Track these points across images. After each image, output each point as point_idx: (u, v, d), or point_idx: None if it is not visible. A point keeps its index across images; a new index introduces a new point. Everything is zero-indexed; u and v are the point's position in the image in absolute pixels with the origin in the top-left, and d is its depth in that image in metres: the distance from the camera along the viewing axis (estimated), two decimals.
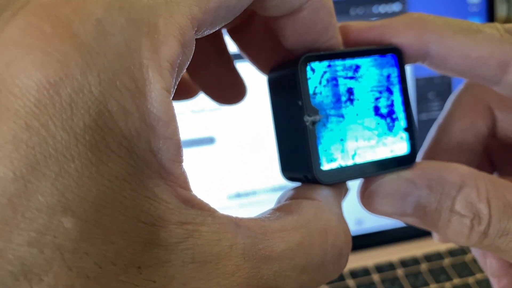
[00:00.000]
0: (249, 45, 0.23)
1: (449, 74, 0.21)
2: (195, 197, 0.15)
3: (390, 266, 0.53)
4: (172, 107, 0.14)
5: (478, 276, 0.53)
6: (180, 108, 0.50)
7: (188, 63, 0.15)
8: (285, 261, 0.15)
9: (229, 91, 0.25)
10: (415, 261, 0.54)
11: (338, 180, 0.19)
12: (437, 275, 0.53)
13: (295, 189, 0.19)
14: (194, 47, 0.15)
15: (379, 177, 0.20)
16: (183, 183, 0.14)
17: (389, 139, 0.20)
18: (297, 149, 0.19)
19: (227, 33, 0.24)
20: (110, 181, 0.13)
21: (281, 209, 0.17)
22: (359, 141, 0.19)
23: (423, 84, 0.56)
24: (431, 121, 0.56)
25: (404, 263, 0.54)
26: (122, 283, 0.13)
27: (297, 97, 0.19)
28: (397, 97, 0.20)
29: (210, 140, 0.52)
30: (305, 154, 0.19)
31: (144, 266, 0.13)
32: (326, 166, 0.19)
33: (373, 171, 0.20)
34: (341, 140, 0.19)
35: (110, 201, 0.13)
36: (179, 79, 0.15)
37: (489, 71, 0.19)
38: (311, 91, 0.19)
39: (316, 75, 0.19)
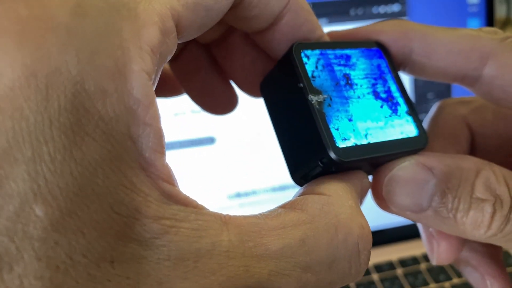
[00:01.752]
0: (229, 60, 0.23)
1: (430, 76, 0.21)
2: (179, 192, 0.14)
3: (390, 266, 0.54)
4: (153, 91, 0.13)
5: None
6: (181, 108, 0.50)
7: (171, 55, 0.15)
8: (284, 259, 0.14)
9: (221, 101, 0.24)
10: (414, 260, 0.54)
11: (357, 158, 0.18)
12: (437, 275, 0.53)
13: (304, 186, 0.18)
14: (176, 41, 0.15)
15: (393, 164, 0.20)
16: (166, 176, 0.14)
17: (396, 121, 0.20)
18: (305, 138, 0.18)
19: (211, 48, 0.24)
20: (83, 166, 0.12)
21: (285, 207, 0.16)
22: (368, 122, 0.19)
23: (422, 85, 0.56)
24: None
25: (403, 262, 0.54)
26: (93, 277, 0.12)
27: (297, 81, 0.18)
28: (392, 85, 0.21)
29: (210, 140, 0.52)
30: (317, 136, 0.18)
31: (118, 261, 0.12)
32: (341, 144, 0.18)
33: (390, 150, 0.19)
34: (350, 120, 0.18)
35: (82, 189, 0.12)
36: (161, 70, 0.15)
37: (470, 64, 0.20)
38: (309, 74, 0.18)
39: (311, 60, 0.19)
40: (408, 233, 0.57)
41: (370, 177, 0.21)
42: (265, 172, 0.52)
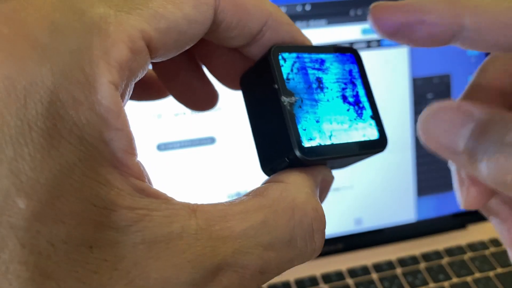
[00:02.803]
0: (209, 59, 0.24)
1: (482, 49, 0.21)
2: (149, 187, 0.15)
3: (389, 265, 0.54)
4: (120, 101, 0.15)
5: (477, 275, 0.53)
6: (181, 108, 0.50)
7: (143, 72, 0.17)
8: (246, 239, 0.16)
9: (201, 98, 0.25)
10: (413, 260, 0.55)
11: (319, 157, 0.19)
12: (436, 274, 0.53)
13: (269, 177, 0.20)
14: (148, 59, 0.16)
15: (435, 104, 0.20)
16: (137, 173, 0.15)
17: (360, 124, 0.21)
18: (275, 135, 0.20)
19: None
20: (61, 164, 0.14)
21: (249, 194, 0.18)
22: (333, 124, 0.20)
23: (421, 84, 0.56)
24: None
25: (402, 262, 0.54)
26: (74, 261, 0.14)
27: (273, 82, 0.20)
28: (360, 90, 0.22)
29: (210, 140, 0.52)
30: (286, 135, 0.19)
31: (96, 246, 0.14)
32: (306, 143, 0.19)
33: (350, 152, 0.20)
34: (317, 121, 0.20)
35: (61, 184, 0.14)
36: (133, 83, 0.16)
37: None
38: (284, 77, 0.20)
39: (288, 63, 0.20)
40: (407, 233, 0.57)
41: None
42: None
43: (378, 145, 0.21)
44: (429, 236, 0.58)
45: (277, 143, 0.20)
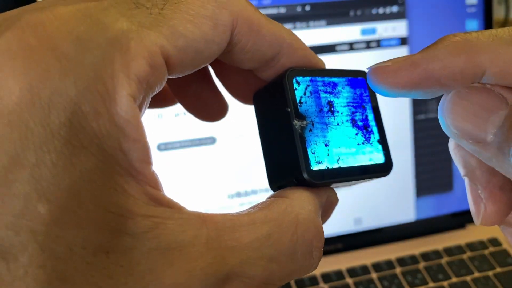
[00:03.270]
0: (224, 76, 0.24)
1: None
2: (164, 196, 0.16)
3: (388, 265, 0.54)
4: (139, 113, 0.16)
5: (476, 274, 0.53)
6: (181, 108, 0.50)
7: (161, 86, 0.17)
8: (253, 250, 0.17)
9: (211, 109, 0.26)
10: (413, 259, 0.55)
11: (326, 180, 0.20)
12: (435, 274, 0.53)
13: (276, 192, 0.21)
14: (166, 74, 0.17)
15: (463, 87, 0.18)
16: (152, 182, 0.16)
17: (367, 148, 0.22)
18: (285, 155, 0.21)
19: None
20: (81, 172, 0.14)
21: (255, 207, 0.19)
22: (342, 148, 0.21)
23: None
24: (429, 120, 0.57)
25: (402, 261, 0.54)
26: (90, 266, 0.14)
27: (286, 105, 0.20)
28: (369, 114, 0.22)
29: (210, 140, 0.52)
30: (295, 157, 0.20)
31: (112, 252, 0.14)
32: (315, 167, 0.20)
33: (356, 175, 0.21)
34: (326, 145, 0.21)
35: (81, 191, 0.14)
36: (150, 96, 0.17)
37: None
38: (297, 100, 0.20)
39: (301, 87, 0.21)
40: (407, 233, 0.58)
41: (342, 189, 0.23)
42: (265, 172, 0.52)
43: (383, 169, 0.22)
44: (428, 236, 0.58)
45: (286, 164, 0.21)
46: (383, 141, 0.22)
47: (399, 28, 0.55)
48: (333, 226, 0.56)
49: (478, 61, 0.18)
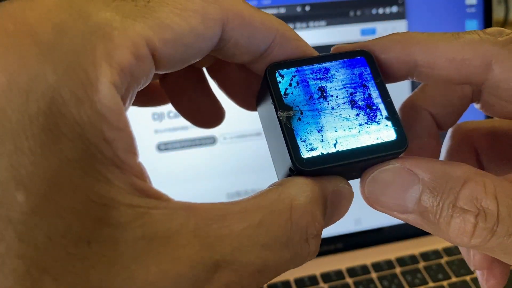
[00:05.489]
0: (226, 83, 0.24)
1: (437, 83, 0.22)
2: (151, 187, 0.16)
3: (388, 265, 0.54)
4: (121, 102, 0.15)
5: (476, 274, 0.53)
6: None
7: (147, 80, 0.17)
8: (245, 238, 0.16)
9: (207, 115, 0.26)
10: (413, 259, 0.55)
11: (322, 166, 0.20)
12: (435, 274, 0.53)
13: (273, 182, 0.20)
14: (152, 67, 0.16)
15: (379, 166, 0.20)
16: (138, 173, 0.15)
17: (373, 127, 0.21)
18: (281, 149, 0.20)
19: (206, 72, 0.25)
20: (61, 160, 0.14)
21: (249, 197, 0.18)
22: (339, 131, 0.20)
23: (418, 84, 0.56)
24: None
25: (401, 261, 0.54)
26: (72, 255, 0.14)
27: (270, 99, 0.20)
28: (373, 91, 0.21)
29: (210, 140, 0.52)
30: (285, 148, 0.20)
31: (94, 241, 0.14)
32: (306, 154, 0.20)
33: (359, 157, 0.20)
34: (319, 131, 0.20)
35: (61, 179, 0.14)
36: (135, 89, 0.17)
37: (474, 71, 0.20)
38: (282, 92, 0.20)
39: (286, 79, 0.21)
40: (406, 232, 0.58)
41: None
42: (265, 172, 0.52)
43: (396, 146, 0.20)
44: (428, 236, 0.58)
45: (282, 157, 0.20)
46: (393, 116, 0.21)
47: (399, 28, 0.55)
48: (333, 226, 0.56)
49: (411, 51, 0.20)
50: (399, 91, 0.55)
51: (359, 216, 0.56)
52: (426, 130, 0.25)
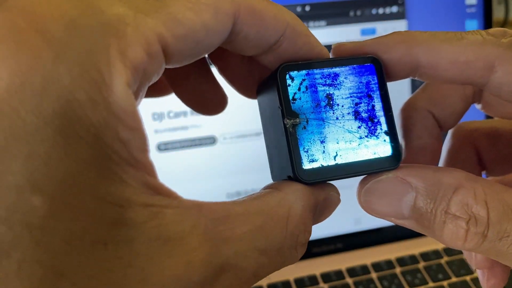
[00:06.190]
0: (228, 68, 0.24)
1: (440, 83, 0.22)
2: (162, 184, 0.16)
3: (388, 265, 0.54)
4: (135, 102, 0.15)
5: (476, 274, 0.53)
6: (181, 108, 0.50)
7: (158, 76, 0.17)
8: (246, 242, 0.16)
9: (210, 102, 0.25)
10: (412, 259, 0.55)
11: (320, 178, 0.20)
12: (435, 274, 0.53)
13: (272, 183, 0.20)
14: (163, 63, 0.16)
15: (374, 176, 0.21)
16: (151, 171, 0.15)
17: (371, 141, 0.21)
18: (281, 152, 0.20)
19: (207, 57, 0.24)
20: (77, 163, 0.13)
21: (251, 197, 0.18)
22: (340, 143, 0.20)
23: (420, 84, 0.56)
24: None
25: (401, 261, 0.54)
26: (88, 259, 0.13)
27: (278, 102, 0.20)
28: (377, 103, 0.21)
29: (210, 140, 0.52)
30: (288, 156, 0.20)
31: (111, 243, 0.14)
32: (307, 166, 0.20)
33: (355, 171, 0.20)
34: (322, 142, 0.20)
35: (76, 182, 0.13)
36: (146, 85, 0.16)
37: (476, 73, 0.20)
38: (290, 97, 0.20)
39: (295, 82, 0.20)
40: (406, 232, 0.58)
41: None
42: (265, 172, 0.52)
43: (389, 162, 0.21)
44: (428, 236, 0.58)
45: (282, 161, 0.20)
46: (391, 132, 0.21)
47: (398, 28, 0.55)
48: (333, 226, 0.56)
49: (414, 52, 0.20)
50: (399, 91, 0.55)
51: (359, 216, 0.56)
52: (428, 130, 0.25)
